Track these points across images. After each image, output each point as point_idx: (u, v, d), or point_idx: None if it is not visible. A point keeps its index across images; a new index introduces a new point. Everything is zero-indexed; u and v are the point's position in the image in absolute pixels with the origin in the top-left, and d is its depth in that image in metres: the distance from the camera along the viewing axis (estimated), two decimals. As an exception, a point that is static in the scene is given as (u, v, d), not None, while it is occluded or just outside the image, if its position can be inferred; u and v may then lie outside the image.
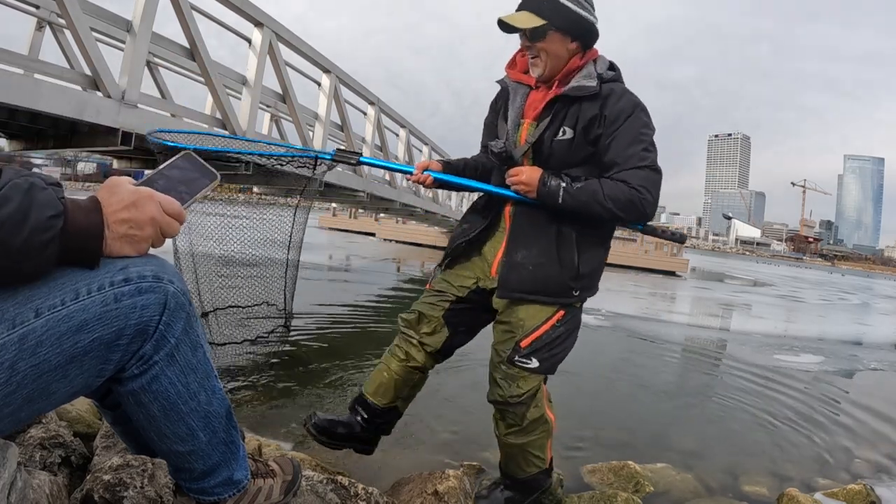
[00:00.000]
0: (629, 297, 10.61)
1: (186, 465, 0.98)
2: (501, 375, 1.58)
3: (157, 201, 0.80)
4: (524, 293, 1.53)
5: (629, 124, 1.46)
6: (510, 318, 1.57)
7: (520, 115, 1.58)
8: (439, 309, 1.67)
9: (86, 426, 1.50)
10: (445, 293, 1.68)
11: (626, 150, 1.45)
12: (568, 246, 1.52)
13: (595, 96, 1.47)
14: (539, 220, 1.54)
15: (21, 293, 0.75)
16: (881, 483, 2.45)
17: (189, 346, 0.91)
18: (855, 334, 8.67)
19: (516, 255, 1.54)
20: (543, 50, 1.48)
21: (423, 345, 1.68)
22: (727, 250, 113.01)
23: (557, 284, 1.52)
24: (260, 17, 4.68)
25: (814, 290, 19.35)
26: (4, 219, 0.65)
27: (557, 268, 1.51)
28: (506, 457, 1.70)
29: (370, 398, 1.71)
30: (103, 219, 0.76)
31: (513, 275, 1.54)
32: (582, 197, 1.44)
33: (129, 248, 0.79)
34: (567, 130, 1.49)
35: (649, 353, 5.20)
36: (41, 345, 0.74)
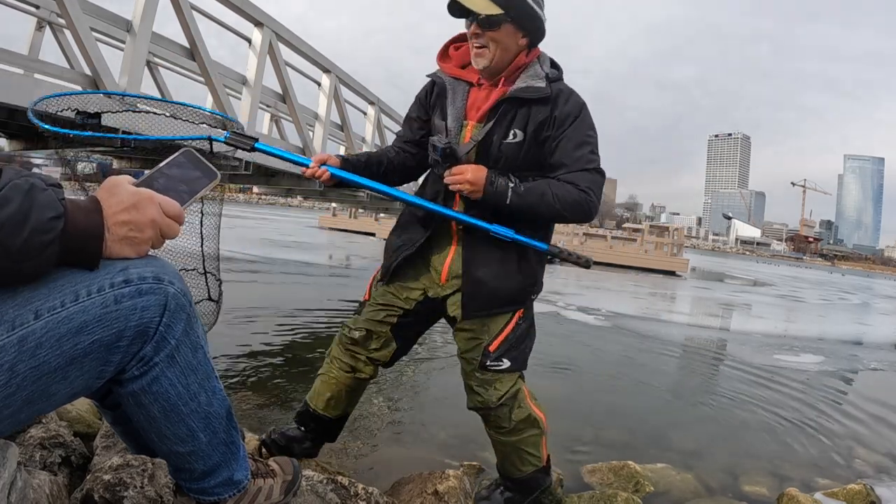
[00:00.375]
0: (629, 296, 10.61)
1: (187, 465, 0.98)
2: (477, 383, 1.58)
3: (158, 203, 0.80)
4: (490, 309, 1.52)
5: (577, 126, 1.44)
6: (473, 326, 1.55)
7: (462, 115, 1.48)
8: (387, 324, 1.63)
9: (86, 426, 1.50)
10: (392, 306, 1.62)
11: (573, 152, 1.43)
12: (526, 255, 1.51)
13: (545, 99, 1.43)
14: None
15: (21, 295, 0.74)
16: (881, 483, 2.45)
17: (189, 348, 0.91)
18: (855, 334, 8.66)
19: (477, 272, 1.49)
20: (494, 40, 1.39)
21: (372, 359, 1.65)
22: (727, 250, 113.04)
23: (519, 294, 1.53)
24: (260, 17, 4.68)
25: (814, 289, 19.35)
26: (4, 220, 0.65)
27: (520, 278, 1.51)
28: (501, 456, 1.70)
29: (322, 412, 1.71)
30: (103, 220, 0.76)
31: (478, 295, 1.50)
32: (530, 198, 1.40)
33: (129, 250, 0.80)
34: (517, 133, 1.43)
35: (649, 352, 5.20)
36: (41, 347, 0.74)
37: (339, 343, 1.69)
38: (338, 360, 1.69)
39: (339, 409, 1.72)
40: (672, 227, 22.72)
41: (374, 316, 1.64)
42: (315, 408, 1.72)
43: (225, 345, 3.64)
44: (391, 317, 1.63)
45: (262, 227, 20.54)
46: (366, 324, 1.64)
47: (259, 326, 4.36)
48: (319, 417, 1.72)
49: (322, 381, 1.71)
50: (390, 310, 1.63)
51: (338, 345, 1.70)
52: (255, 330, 4.21)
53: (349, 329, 1.67)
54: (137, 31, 3.61)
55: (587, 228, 23.62)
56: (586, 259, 1.60)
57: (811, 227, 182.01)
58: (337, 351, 1.70)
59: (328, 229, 22.85)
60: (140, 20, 3.61)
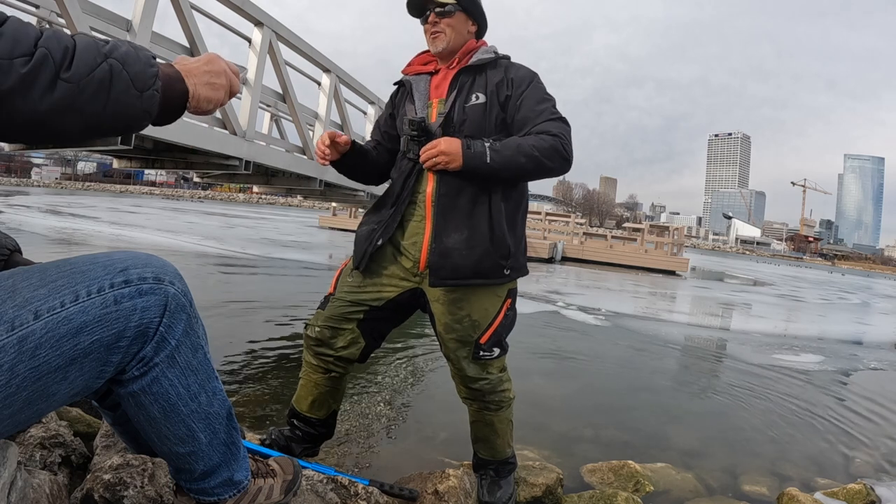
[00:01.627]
0: (629, 296, 10.61)
1: (187, 465, 0.98)
2: (473, 373, 1.58)
3: (224, 60, 0.88)
4: (460, 279, 1.49)
5: (534, 87, 1.54)
6: (459, 323, 1.54)
7: (426, 97, 1.59)
8: (353, 321, 1.60)
9: (86, 426, 1.50)
10: (360, 303, 1.60)
11: (536, 106, 1.50)
12: (499, 224, 1.50)
13: (496, 63, 1.57)
14: (466, 200, 1.49)
15: (20, 295, 0.75)
16: (881, 483, 2.45)
17: (190, 348, 0.91)
18: (855, 334, 8.66)
19: (447, 239, 1.49)
20: (449, 26, 1.56)
21: (341, 359, 1.63)
22: (727, 249, 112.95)
23: (491, 265, 1.50)
24: (260, 17, 4.67)
25: (814, 289, 19.34)
26: (123, 54, 0.70)
27: (490, 247, 1.49)
28: (492, 438, 1.69)
29: (308, 414, 1.72)
30: (180, 72, 0.81)
31: (446, 262, 1.48)
32: (507, 152, 1.42)
33: (212, 93, 0.84)
34: (479, 96, 1.53)
35: (649, 352, 5.20)
36: (40, 347, 0.74)
37: (307, 347, 1.67)
38: (309, 363, 1.68)
39: (323, 408, 1.72)
40: (672, 227, 22.68)
41: (338, 312, 1.61)
42: (300, 411, 1.73)
43: (225, 345, 3.64)
44: (357, 313, 1.60)
45: (261, 226, 20.54)
46: (329, 321, 1.61)
47: (259, 326, 4.36)
48: (308, 419, 1.73)
49: (301, 386, 1.72)
50: (357, 306, 1.60)
51: (306, 348, 1.68)
52: (256, 330, 4.21)
53: (311, 328, 1.64)
54: (137, 31, 3.61)
55: (587, 228, 23.61)
56: None
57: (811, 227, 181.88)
58: (309, 356, 1.68)
59: (328, 229, 22.83)
60: (140, 20, 3.60)
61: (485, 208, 1.50)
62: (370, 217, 1.64)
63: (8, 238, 1.11)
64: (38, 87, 0.60)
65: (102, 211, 19.61)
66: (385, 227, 1.56)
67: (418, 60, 1.68)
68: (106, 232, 11.71)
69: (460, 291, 1.52)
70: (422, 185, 1.54)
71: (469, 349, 1.56)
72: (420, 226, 1.54)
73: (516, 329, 1.65)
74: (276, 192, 7.38)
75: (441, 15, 1.56)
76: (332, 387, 1.70)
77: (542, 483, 1.85)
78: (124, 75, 0.69)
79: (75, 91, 0.63)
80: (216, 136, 4.54)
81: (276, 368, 3.33)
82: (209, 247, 10.67)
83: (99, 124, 0.69)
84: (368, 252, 1.57)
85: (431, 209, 1.51)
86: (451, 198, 1.50)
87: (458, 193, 1.49)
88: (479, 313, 1.54)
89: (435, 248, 1.50)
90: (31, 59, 0.60)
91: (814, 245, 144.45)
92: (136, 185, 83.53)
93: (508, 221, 1.53)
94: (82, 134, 0.68)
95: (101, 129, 0.70)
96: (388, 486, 1.59)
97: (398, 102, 1.68)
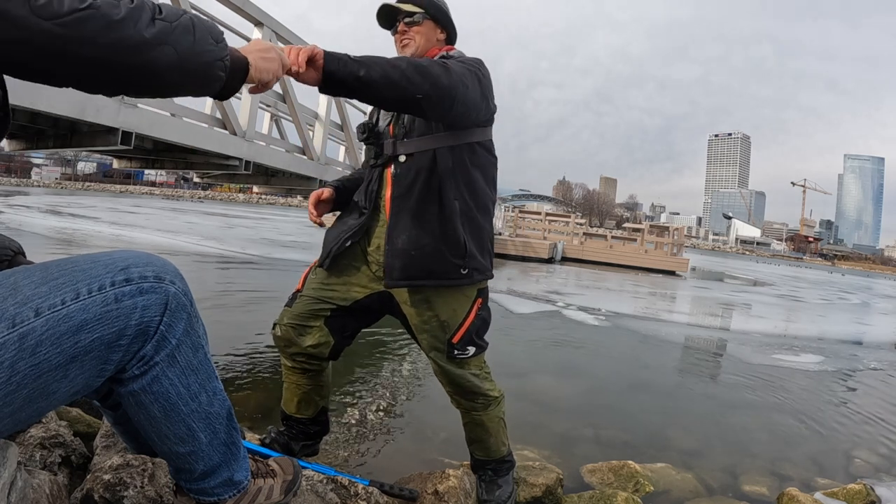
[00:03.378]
0: (629, 296, 10.61)
1: (187, 465, 0.98)
2: (451, 371, 1.57)
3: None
4: (412, 279, 1.48)
5: (461, 56, 1.52)
6: (427, 324, 1.54)
7: None
8: (320, 318, 1.60)
9: (86, 426, 1.50)
10: (326, 301, 1.60)
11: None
12: (452, 222, 1.47)
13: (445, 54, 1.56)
14: (415, 200, 1.47)
15: (21, 293, 0.75)
16: (881, 483, 2.45)
17: (190, 347, 0.91)
18: (855, 334, 8.66)
19: (398, 241, 1.48)
20: (418, 33, 1.59)
21: (312, 356, 1.62)
22: (727, 250, 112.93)
23: (443, 264, 1.47)
24: (260, 17, 4.68)
25: (814, 289, 19.34)
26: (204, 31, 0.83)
27: (441, 246, 1.47)
28: (486, 437, 1.69)
29: (297, 415, 1.72)
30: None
31: (396, 262, 1.47)
32: (373, 58, 1.24)
33: (267, 64, 0.99)
34: None
35: (649, 352, 5.20)
36: (41, 344, 0.74)
37: (277, 346, 1.66)
38: (285, 365, 1.68)
39: (311, 407, 1.73)
40: (672, 227, 22.67)
41: (305, 309, 1.61)
42: (289, 413, 1.74)
43: (225, 345, 3.64)
44: (324, 311, 1.60)
45: (261, 226, 20.54)
46: (295, 318, 1.61)
47: (259, 326, 4.36)
48: (298, 420, 1.74)
49: (285, 389, 1.73)
50: (323, 303, 1.60)
51: (279, 349, 1.67)
52: (256, 329, 4.21)
53: (278, 326, 1.64)
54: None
55: (587, 228, 23.61)
56: None
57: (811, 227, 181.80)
58: (281, 356, 1.68)
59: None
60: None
61: (435, 208, 1.47)
62: (338, 223, 1.65)
63: (11, 241, 1.11)
64: (143, 21, 0.74)
65: (102, 211, 19.61)
66: (353, 231, 1.57)
67: None
68: (106, 232, 11.71)
69: (424, 292, 1.52)
70: (382, 191, 1.55)
71: (442, 349, 1.56)
72: (382, 230, 1.54)
73: (516, 329, 1.65)
74: (276, 192, 7.39)
75: (410, 24, 1.59)
76: (315, 384, 1.69)
77: (541, 483, 1.85)
78: (201, 26, 0.83)
79: (168, 28, 0.77)
80: (216, 136, 4.54)
81: (276, 368, 3.33)
82: (209, 247, 10.67)
83: (188, 62, 0.80)
84: (333, 251, 1.58)
85: (389, 210, 1.51)
86: (404, 199, 1.48)
87: (409, 194, 1.48)
88: (446, 314, 1.53)
89: (388, 249, 1.49)
90: (135, 3, 0.75)
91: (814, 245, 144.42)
92: (136, 185, 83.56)
93: (465, 220, 1.49)
94: (176, 72, 0.79)
95: (192, 71, 0.82)
96: (388, 487, 1.59)
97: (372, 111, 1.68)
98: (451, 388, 1.63)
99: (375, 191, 1.56)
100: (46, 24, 0.65)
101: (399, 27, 1.59)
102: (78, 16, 0.67)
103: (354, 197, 1.65)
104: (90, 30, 0.68)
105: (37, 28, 0.65)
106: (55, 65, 0.69)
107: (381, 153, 1.53)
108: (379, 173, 1.55)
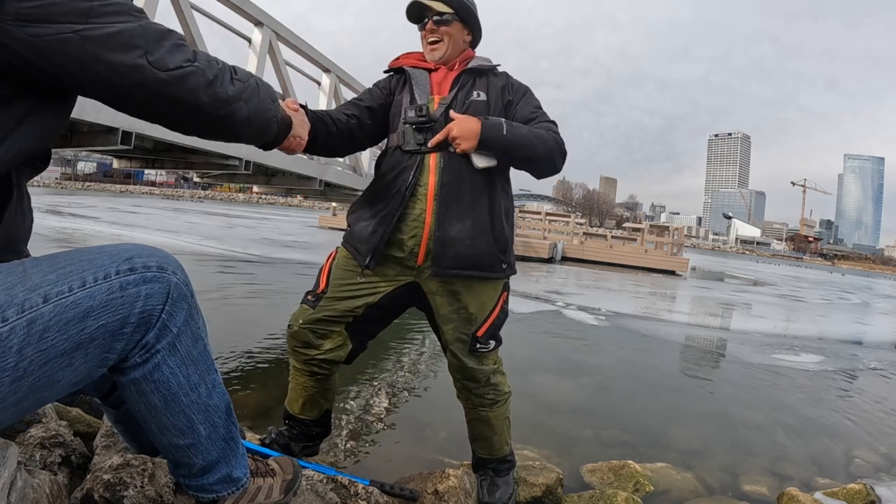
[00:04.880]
0: (629, 296, 10.61)
1: (186, 459, 0.98)
2: (470, 364, 1.58)
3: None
4: (461, 269, 1.49)
5: (530, 97, 1.64)
6: (456, 315, 1.54)
7: (427, 91, 1.61)
8: (342, 324, 1.58)
9: (86, 425, 1.50)
10: (354, 306, 1.56)
11: (535, 111, 1.60)
12: (499, 217, 1.53)
13: (495, 71, 1.66)
14: (468, 191, 1.49)
15: (31, 279, 0.77)
16: (881, 483, 2.45)
17: (190, 338, 0.93)
18: (855, 334, 8.66)
19: (451, 229, 1.48)
20: (447, 34, 1.62)
21: (326, 360, 1.60)
22: (727, 249, 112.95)
23: (489, 257, 1.51)
24: (260, 17, 4.68)
25: (814, 289, 19.35)
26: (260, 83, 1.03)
27: (490, 240, 1.51)
28: (489, 436, 1.69)
29: (300, 416, 1.71)
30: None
31: (448, 251, 1.47)
32: (522, 130, 1.48)
33: (301, 131, 1.33)
34: (481, 94, 1.58)
35: (649, 352, 5.20)
36: (48, 330, 0.76)
37: (290, 349, 1.63)
38: (294, 367, 1.66)
39: (315, 409, 1.71)
40: (672, 227, 22.67)
41: (328, 314, 1.56)
42: (293, 413, 1.72)
43: (226, 344, 3.64)
44: (347, 317, 1.57)
45: (262, 226, 20.55)
46: (316, 322, 1.57)
47: (259, 325, 4.36)
48: (301, 420, 1.73)
49: (291, 389, 1.70)
50: (349, 309, 1.56)
51: (290, 350, 1.64)
52: (256, 329, 4.21)
53: (299, 328, 1.58)
54: (137, 31, 3.60)
55: (587, 228, 23.61)
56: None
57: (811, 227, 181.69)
58: (291, 357, 1.66)
59: (328, 228, 22.85)
60: (140, 20, 3.60)
61: (485, 201, 1.51)
62: (364, 213, 1.59)
63: None
64: (227, 80, 0.92)
65: (102, 211, 19.62)
66: (386, 223, 1.52)
67: (413, 57, 1.70)
68: (106, 232, 11.71)
69: (458, 284, 1.53)
70: (423, 178, 1.51)
71: (466, 341, 1.56)
72: (420, 219, 1.51)
73: (516, 329, 1.66)
74: (276, 192, 7.39)
75: (439, 23, 1.61)
76: (321, 388, 1.68)
77: (542, 483, 1.85)
78: (264, 87, 1.03)
79: (243, 88, 0.96)
80: (216, 135, 4.54)
81: (276, 368, 3.33)
82: (209, 247, 10.67)
83: (256, 117, 1.00)
84: (379, 249, 1.52)
85: (433, 201, 1.50)
86: (453, 188, 1.49)
87: (460, 184, 1.49)
88: (475, 306, 1.55)
89: (438, 236, 1.48)
90: (220, 64, 0.92)
91: (814, 245, 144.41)
92: (136, 185, 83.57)
93: (506, 216, 1.57)
94: (246, 124, 0.98)
95: (256, 124, 1.01)
96: (389, 486, 1.59)
97: (394, 89, 1.66)
98: (466, 381, 1.62)
99: (415, 177, 1.51)
100: (161, 73, 0.82)
101: (428, 25, 1.62)
102: (183, 71, 0.84)
103: (379, 183, 1.58)
104: (192, 83, 0.86)
105: (152, 77, 0.81)
106: (165, 107, 0.86)
107: (428, 141, 1.52)
108: (420, 160, 1.52)
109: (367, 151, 7.20)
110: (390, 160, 1.58)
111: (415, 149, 1.52)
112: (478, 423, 1.68)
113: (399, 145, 1.56)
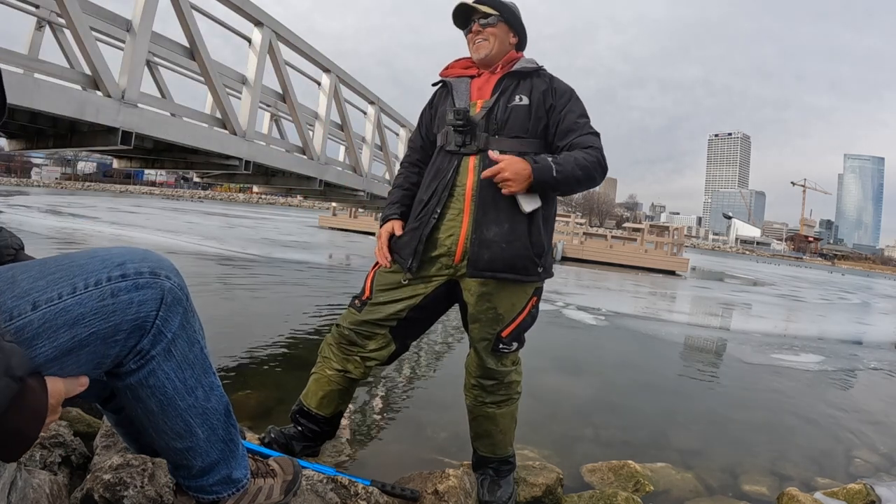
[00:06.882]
0: (629, 296, 10.61)
1: (185, 461, 0.98)
2: (490, 363, 1.62)
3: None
4: (496, 272, 1.52)
5: (575, 101, 1.63)
6: (484, 314, 1.57)
7: (467, 97, 1.64)
8: (387, 326, 1.64)
9: (86, 426, 1.50)
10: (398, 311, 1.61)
11: (579, 119, 1.60)
12: (536, 221, 1.54)
13: (539, 73, 1.65)
14: (507, 197, 1.51)
15: (19, 286, 0.75)
16: (881, 483, 2.45)
17: (186, 342, 0.91)
18: (855, 334, 8.66)
19: (488, 231, 1.52)
20: (493, 34, 1.65)
21: (367, 359, 1.66)
22: (727, 249, 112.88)
23: (526, 262, 1.54)
24: (260, 17, 4.67)
25: (814, 289, 19.33)
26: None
27: (527, 243, 1.53)
28: (495, 435, 1.70)
29: (315, 411, 1.73)
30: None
31: (485, 253, 1.51)
32: (567, 166, 1.48)
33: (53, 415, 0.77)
34: (523, 98, 1.59)
35: (649, 352, 5.20)
36: (38, 337, 0.75)
37: (334, 342, 1.70)
38: (328, 360, 1.71)
39: (331, 407, 1.74)
40: (672, 227, 22.67)
41: (373, 318, 1.64)
42: (308, 406, 1.74)
43: (224, 344, 3.64)
44: (392, 319, 1.63)
45: (262, 226, 20.54)
46: (362, 325, 1.64)
47: (259, 325, 4.36)
48: (313, 416, 1.74)
49: (315, 381, 1.74)
50: (393, 308, 1.62)
51: (330, 344, 1.71)
52: (255, 329, 4.21)
53: (345, 329, 1.67)
54: (137, 31, 3.60)
55: (587, 228, 23.59)
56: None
57: (811, 227, 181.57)
58: (328, 351, 1.71)
59: (328, 228, 22.84)
60: (140, 20, 3.60)
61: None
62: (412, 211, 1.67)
63: (13, 237, 1.11)
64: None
65: (102, 211, 19.61)
66: (425, 222, 1.58)
67: (459, 65, 1.74)
68: (106, 232, 11.70)
69: (492, 285, 1.55)
70: (461, 178, 1.57)
71: (490, 340, 1.60)
72: (458, 219, 1.55)
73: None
74: (276, 192, 7.37)
75: (484, 25, 1.65)
76: (345, 387, 1.71)
77: (542, 483, 1.85)
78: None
79: None
80: (216, 135, 4.54)
81: (276, 368, 3.33)
82: (210, 247, 10.66)
83: None
84: (419, 250, 1.57)
85: (471, 202, 1.54)
86: (491, 192, 1.52)
87: (495, 187, 1.51)
88: (504, 307, 1.58)
89: (475, 239, 1.52)
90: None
91: (814, 245, 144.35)
92: (136, 185, 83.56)
93: (544, 222, 1.57)
94: None
95: None
96: (389, 486, 1.59)
97: (437, 102, 1.73)
98: (481, 379, 1.65)
99: (454, 178, 1.57)
100: None
101: (474, 27, 1.66)
102: None
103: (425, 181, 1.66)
104: None
105: None
106: None
107: (468, 143, 1.56)
108: (458, 161, 1.57)
109: (367, 151, 7.20)
110: (436, 160, 1.65)
111: (455, 150, 1.58)
112: (483, 420, 1.70)
113: (443, 145, 1.63)
